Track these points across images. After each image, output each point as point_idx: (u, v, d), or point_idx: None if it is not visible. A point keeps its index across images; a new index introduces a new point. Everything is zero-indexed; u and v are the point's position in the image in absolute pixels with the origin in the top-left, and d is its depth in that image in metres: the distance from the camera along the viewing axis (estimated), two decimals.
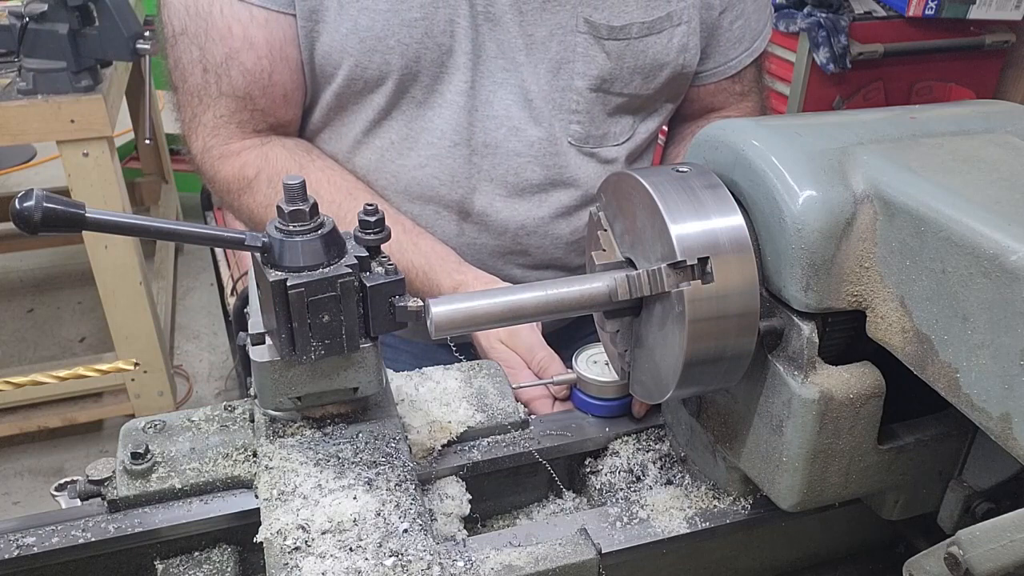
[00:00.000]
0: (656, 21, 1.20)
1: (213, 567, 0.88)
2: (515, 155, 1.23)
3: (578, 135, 1.25)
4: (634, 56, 1.21)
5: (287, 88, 1.22)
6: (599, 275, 0.80)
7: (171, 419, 0.95)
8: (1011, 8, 2.96)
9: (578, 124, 1.24)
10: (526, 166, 1.24)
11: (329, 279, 0.76)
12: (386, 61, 1.15)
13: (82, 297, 3.74)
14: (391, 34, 1.13)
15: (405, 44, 1.14)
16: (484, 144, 1.22)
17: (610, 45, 1.19)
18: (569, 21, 1.17)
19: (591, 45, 1.19)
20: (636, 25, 1.19)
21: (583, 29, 1.18)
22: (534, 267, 1.34)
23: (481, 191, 1.25)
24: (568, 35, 1.18)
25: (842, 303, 0.74)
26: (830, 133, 0.78)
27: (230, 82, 1.20)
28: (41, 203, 0.67)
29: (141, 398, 2.91)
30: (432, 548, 0.75)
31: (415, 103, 1.20)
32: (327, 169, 1.26)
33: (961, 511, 0.83)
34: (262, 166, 1.23)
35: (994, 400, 0.63)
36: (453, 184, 1.24)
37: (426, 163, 1.23)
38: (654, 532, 0.87)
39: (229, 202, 1.29)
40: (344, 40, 1.14)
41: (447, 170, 1.23)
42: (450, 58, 1.17)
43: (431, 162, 1.23)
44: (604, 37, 1.18)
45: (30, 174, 4.64)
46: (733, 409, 0.85)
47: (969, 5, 2.92)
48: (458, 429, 0.96)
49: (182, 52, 1.21)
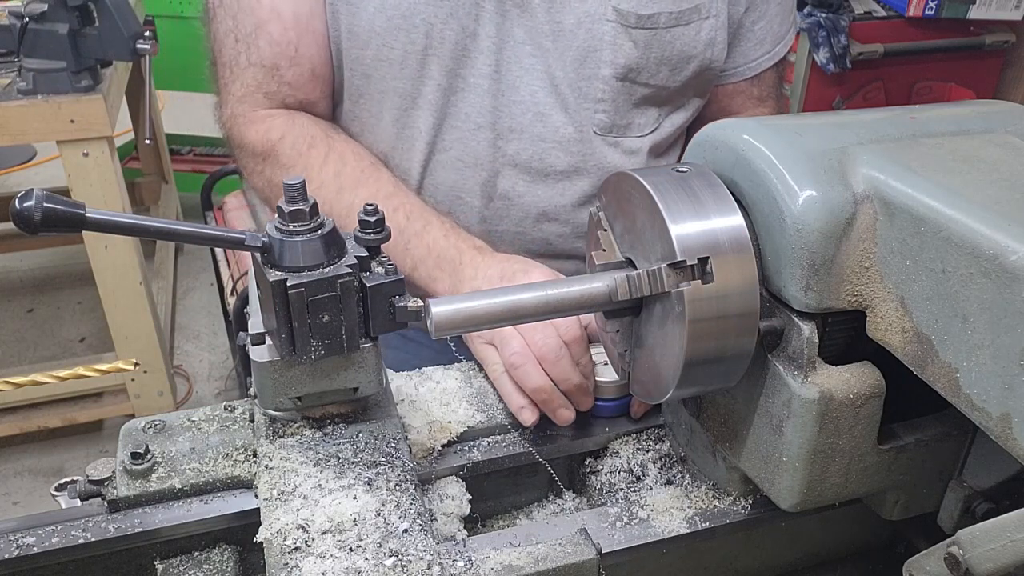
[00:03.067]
0: (684, 12, 1.21)
1: (213, 567, 0.88)
2: (540, 140, 1.24)
3: (603, 124, 1.26)
4: (661, 47, 1.22)
5: (314, 63, 1.24)
6: (599, 275, 0.80)
7: (171, 419, 0.95)
8: (1011, 8, 2.96)
9: (603, 113, 1.25)
10: (550, 152, 1.25)
11: (329, 279, 0.76)
12: (411, 40, 1.17)
13: (82, 297, 3.74)
14: (416, 12, 1.15)
15: (430, 23, 1.16)
16: (509, 129, 1.23)
17: (637, 34, 1.20)
18: (598, 9, 1.18)
19: (619, 33, 1.19)
20: (664, 15, 1.20)
21: (611, 17, 1.18)
22: (555, 257, 1.34)
23: (504, 175, 1.26)
24: (596, 23, 1.19)
25: (842, 303, 0.74)
26: (830, 133, 0.78)
27: (258, 52, 1.23)
28: (41, 203, 0.67)
29: (141, 398, 2.91)
30: (432, 548, 0.75)
31: (440, 89, 1.21)
32: (352, 141, 1.28)
33: (961, 511, 0.83)
34: (287, 130, 1.25)
35: (994, 400, 0.63)
36: (476, 167, 1.25)
37: (451, 146, 1.25)
38: (654, 532, 0.87)
39: (252, 171, 1.31)
40: (372, 18, 1.16)
41: (471, 153, 1.24)
42: (474, 41, 1.18)
43: (455, 145, 1.24)
44: (632, 25, 1.19)
45: (30, 174, 4.64)
46: (733, 409, 0.85)
47: (969, 5, 2.92)
48: (458, 429, 0.96)
49: (219, 24, 1.26)
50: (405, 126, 1.25)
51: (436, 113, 1.23)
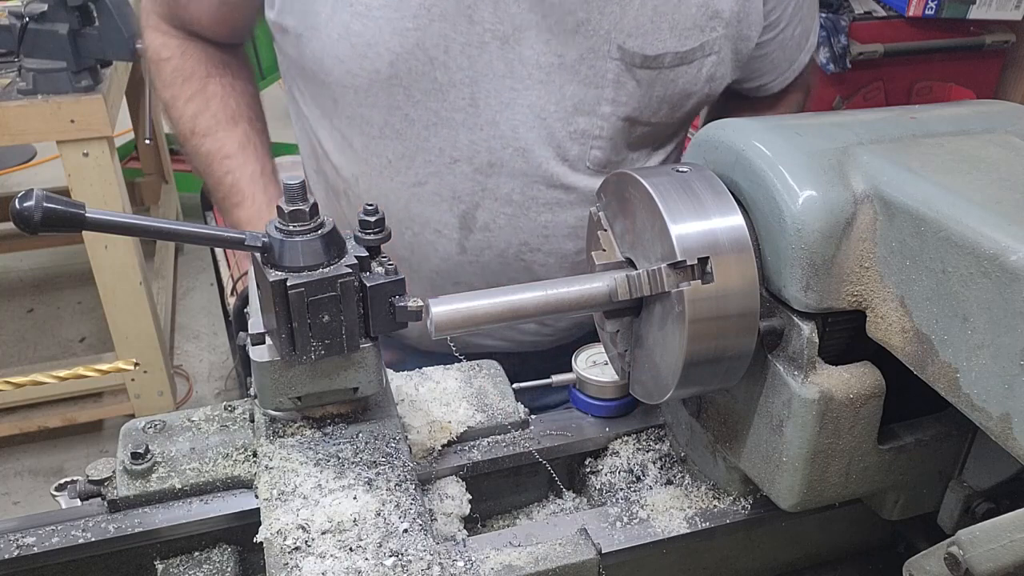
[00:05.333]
0: (689, 52, 1.18)
1: (213, 567, 0.88)
2: (522, 175, 1.21)
3: (598, 160, 1.23)
4: (664, 86, 1.19)
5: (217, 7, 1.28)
6: (599, 275, 0.80)
7: (171, 419, 0.95)
8: (1011, 8, 2.96)
9: (599, 150, 1.22)
10: (533, 186, 1.22)
11: (329, 279, 0.76)
12: (375, 68, 1.14)
13: (82, 297, 3.74)
14: (381, 41, 1.12)
15: (395, 53, 1.13)
16: (489, 164, 1.20)
17: (641, 74, 1.17)
18: (602, 46, 1.15)
19: (622, 72, 1.16)
20: (670, 55, 1.17)
21: (615, 55, 1.15)
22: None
23: (485, 208, 1.24)
24: (599, 60, 1.16)
25: (842, 303, 0.74)
26: (830, 133, 0.78)
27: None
28: (41, 203, 0.67)
29: (141, 398, 2.91)
30: (432, 548, 0.75)
31: (409, 121, 1.18)
32: (231, 86, 1.34)
33: (961, 511, 0.83)
34: (174, 54, 1.34)
35: (994, 400, 0.63)
36: (455, 200, 1.23)
37: (425, 180, 1.22)
38: (654, 532, 0.87)
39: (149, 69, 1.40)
40: (336, 44, 1.14)
41: (448, 187, 1.22)
42: (445, 73, 1.15)
43: (430, 179, 1.22)
44: (637, 65, 1.16)
45: (30, 174, 4.64)
46: (733, 409, 0.85)
47: (969, 5, 2.92)
48: (458, 429, 0.96)
49: None
50: (373, 154, 1.22)
51: (407, 145, 1.20)
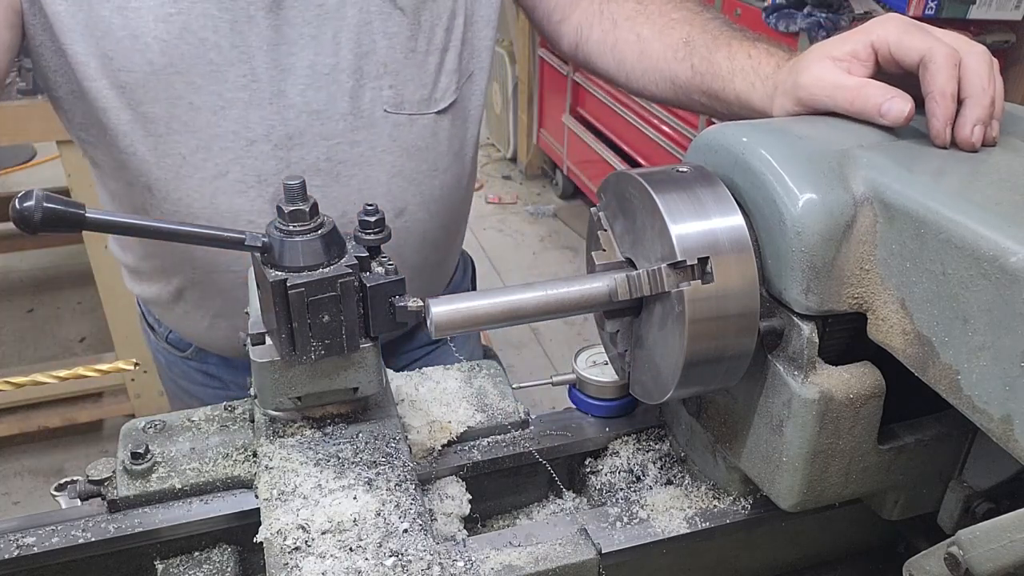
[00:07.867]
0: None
1: (213, 567, 0.88)
2: (322, 139, 1.18)
3: (392, 100, 1.20)
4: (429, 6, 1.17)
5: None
6: (599, 275, 0.80)
7: (171, 419, 0.95)
8: (1011, 8, 2.96)
9: (390, 88, 1.19)
10: (336, 149, 1.19)
11: (329, 279, 0.76)
12: (148, 60, 1.10)
13: (82, 297, 3.74)
14: (147, 31, 1.08)
15: (164, 40, 1.09)
16: (287, 136, 1.16)
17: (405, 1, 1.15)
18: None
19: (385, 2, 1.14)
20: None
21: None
22: None
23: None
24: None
25: (843, 305, 0.74)
26: (830, 136, 0.78)
27: None
28: (41, 203, 0.68)
29: (141, 398, 2.91)
30: (432, 548, 0.75)
31: (193, 108, 1.14)
32: None
33: (961, 511, 0.83)
34: None
35: (995, 402, 0.63)
36: (261, 184, 1.19)
37: (227, 169, 1.17)
38: (654, 532, 0.87)
39: None
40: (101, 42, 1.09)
41: (251, 171, 1.18)
42: (219, 53, 1.11)
43: (232, 167, 1.17)
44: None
45: (30, 174, 4.64)
46: (733, 409, 0.85)
47: (969, 5, 2.92)
48: (458, 429, 0.96)
49: None
50: (165, 155, 1.17)
51: (199, 135, 1.15)
